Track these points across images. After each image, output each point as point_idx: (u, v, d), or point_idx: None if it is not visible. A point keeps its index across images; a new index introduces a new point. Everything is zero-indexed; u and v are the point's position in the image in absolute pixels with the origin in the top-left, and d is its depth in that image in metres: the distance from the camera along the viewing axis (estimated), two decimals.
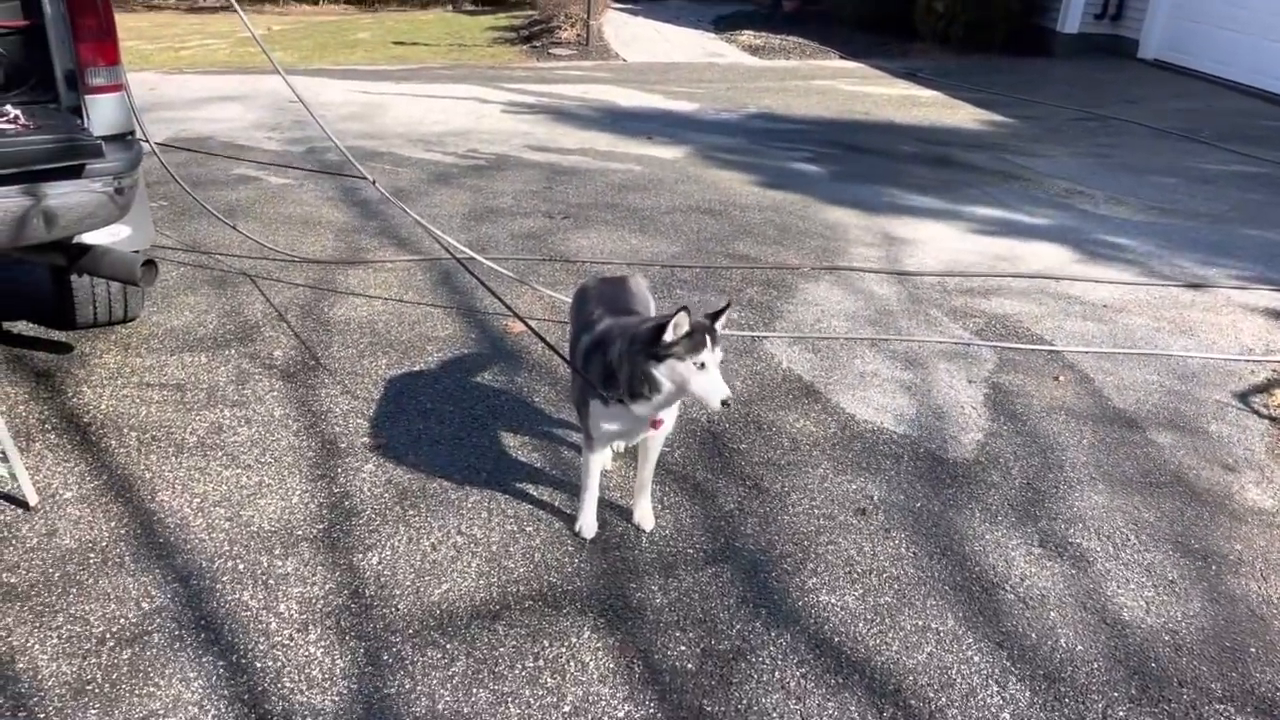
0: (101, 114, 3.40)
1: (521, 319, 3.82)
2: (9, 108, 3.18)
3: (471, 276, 4.30)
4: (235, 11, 4.51)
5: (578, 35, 14.24)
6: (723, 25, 16.30)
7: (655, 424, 2.85)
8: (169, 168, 4.96)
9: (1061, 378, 4.43)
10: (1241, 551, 3.25)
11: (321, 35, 16.26)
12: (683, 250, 5.85)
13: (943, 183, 7.64)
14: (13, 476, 3.07)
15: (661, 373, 2.62)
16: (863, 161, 8.26)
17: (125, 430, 3.60)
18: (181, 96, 9.86)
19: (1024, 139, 9.33)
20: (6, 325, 4.38)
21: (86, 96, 3.37)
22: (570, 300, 3.45)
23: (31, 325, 4.40)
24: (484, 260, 5.14)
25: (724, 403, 2.57)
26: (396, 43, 14.99)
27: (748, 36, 15.04)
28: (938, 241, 6.24)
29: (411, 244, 5.74)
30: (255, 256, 5.38)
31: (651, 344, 2.62)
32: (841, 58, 13.82)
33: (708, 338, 2.60)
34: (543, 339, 3.57)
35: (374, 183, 4.53)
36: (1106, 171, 8.22)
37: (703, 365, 2.58)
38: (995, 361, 4.56)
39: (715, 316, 2.70)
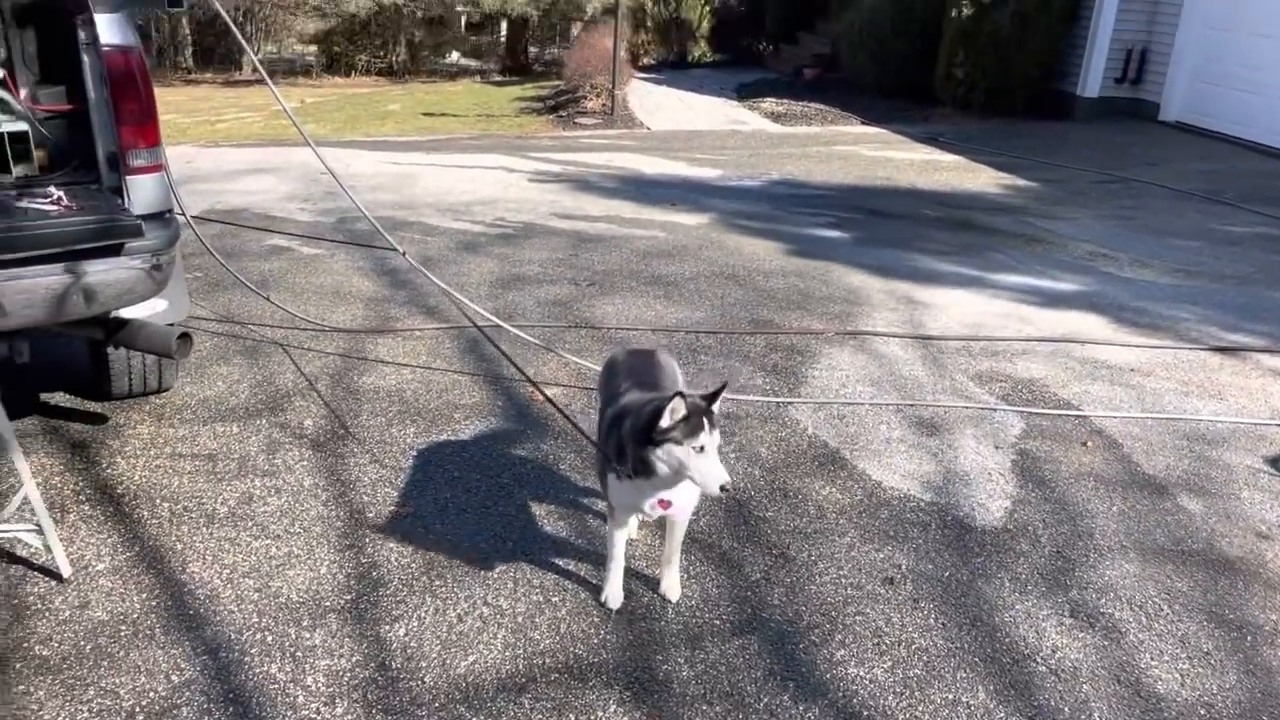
0: (142, 193, 3.51)
1: (540, 390, 3.87)
2: (53, 189, 3.30)
3: (501, 345, 4.36)
4: (269, 85, 4.67)
5: (603, 105, 14.53)
6: (745, 93, 16.57)
7: (663, 504, 2.82)
8: (204, 240, 5.09)
9: (1089, 443, 4.40)
10: (1277, 622, 3.19)
11: (353, 108, 16.68)
12: (706, 316, 5.90)
13: (966, 247, 7.67)
14: (47, 548, 3.12)
15: (659, 456, 2.61)
16: (885, 226, 8.32)
17: (158, 501, 3.65)
18: (217, 169, 10.12)
19: (1046, 202, 9.37)
20: (44, 397, 4.47)
21: (127, 177, 3.49)
22: (599, 369, 3.49)
23: (68, 396, 4.49)
24: (509, 328, 5.20)
25: (722, 488, 2.55)
26: (426, 114, 15.35)
27: (770, 104, 15.27)
28: (961, 306, 6.25)
29: (440, 312, 5.83)
30: (287, 326, 5.47)
31: (649, 428, 2.61)
32: (863, 123, 14.00)
33: (705, 420, 2.58)
34: (561, 411, 3.60)
35: (404, 254, 4.64)
36: (1130, 234, 8.23)
37: (701, 449, 2.57)
38: (1022, 427, 4.54)
39: (712, 398, 2.68)
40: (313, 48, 30.41)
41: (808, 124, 14.11)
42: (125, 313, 3.67)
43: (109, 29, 3.39)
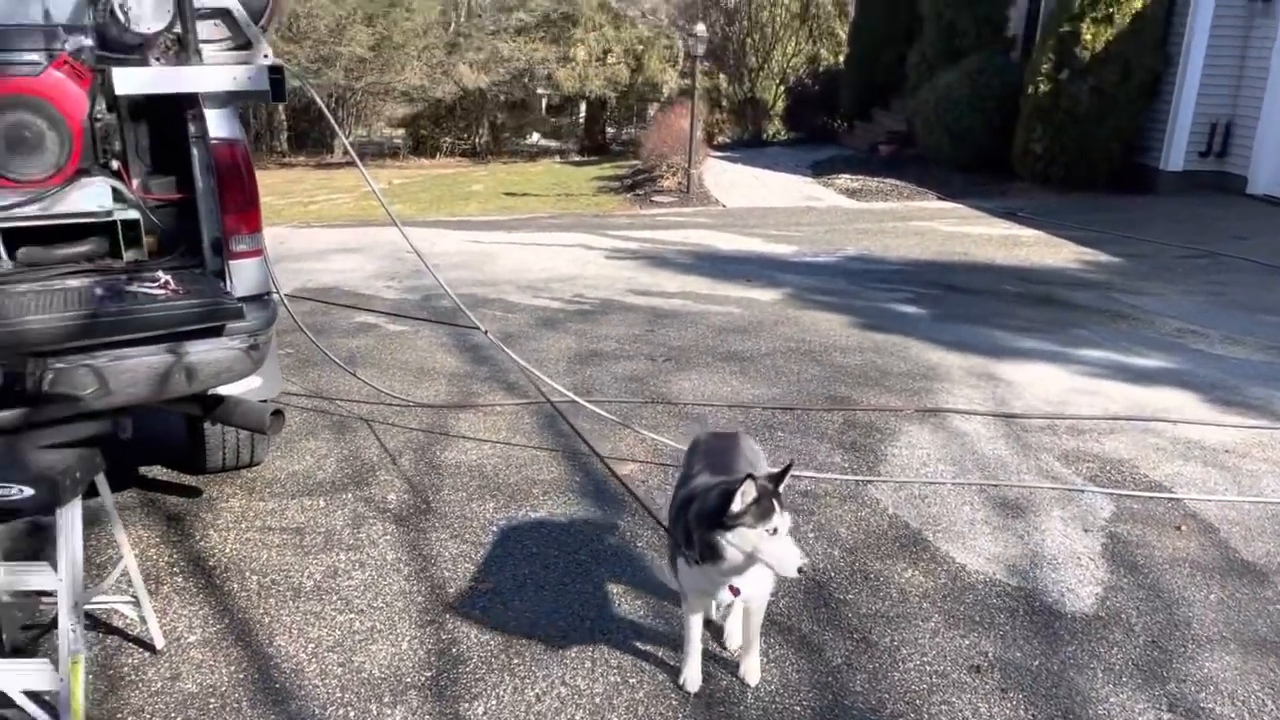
0: (243, 276, 3.69)
1: (613, 470, 3.89)
2: (160, 273, 3.49)
3: (578, 421, 4.41)
4: (358, 167, 4.89)
5: (679, 183, 14.78)
6: (820, 170, 16.71)
7: (733, 590, 2.77)
8: (296, 318, 5.29)
9: (1184, 527, 4.25)
10: None
11: (438, 188, 17.26)
12: (783, 393, 5.89)
13: (1048, 323, 7.55)
14: (143, 620, 3.23)
15: (730, 541, 2.56)
16: (964, 302, 8.24)
17: (247, 573, 3.75)
18: (309, 248, 10.53)
19: (1131, 277, 9.19)
20: (143, 470, 4.66)
21: (230, 261, 3.67)
22: (675, 445, 3.51)
23: (165, 470, 4.67)
24: (586, 403, 5.26)
25: (800, 570, 2.51)
26: (507, 194, 15.80)
27: (844, 180, 15.37)
28: (1044, 383, 6.14)
29: (519, 388, 5.93)
30: (372, 401, 5.62)
31: (719, 512, 2.57)
32: (939, 199, 13.97)
33: (775, 502, 2.54)
34: (632, 492, 3.62)
35: (485, 332, 4.76)
36: (1220, 310, 8.01)
37: (774, 531, 2.53)
38: (1111, 509, 4.41)
39: (778, 479, 2.63)
40: (400, 131, 31.65)
41: (883, 199, 14.14)
42: (222, 390, 3.82)
43: (217, 123, 3.60)
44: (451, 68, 26.79)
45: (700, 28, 14.26)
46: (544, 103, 35.48)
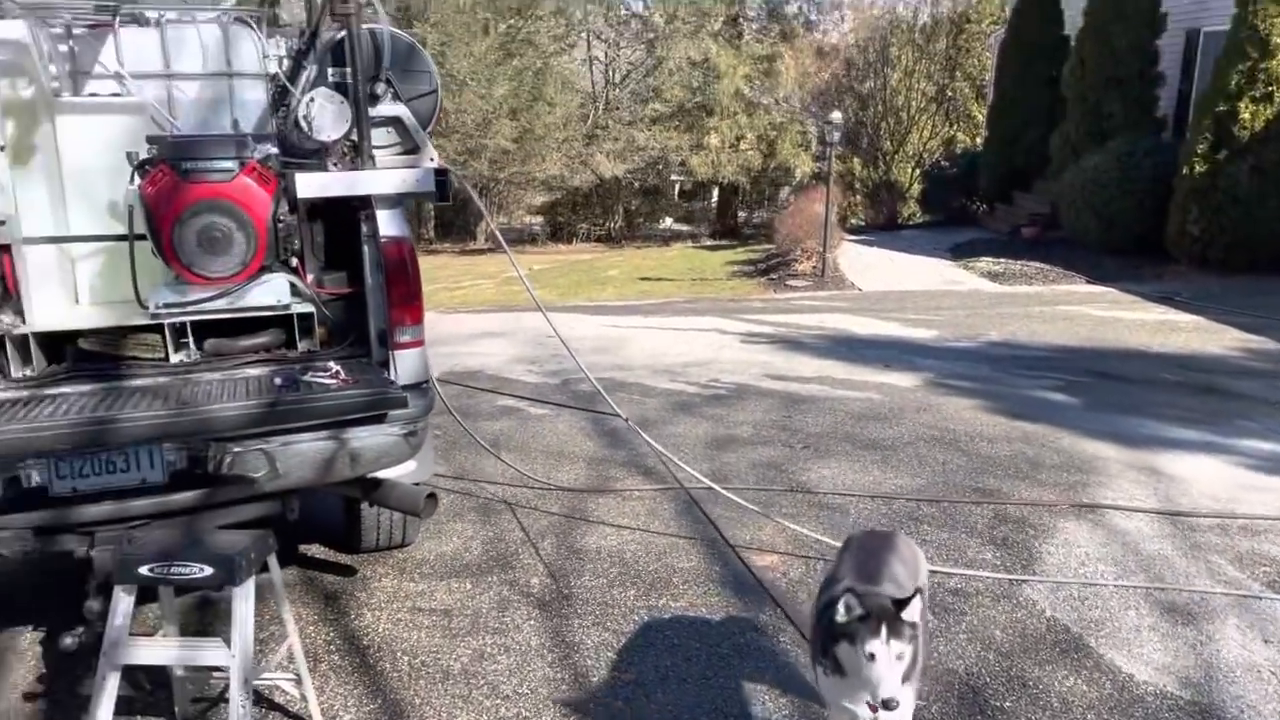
0: (405, 366, 3.87)
1: (749, 565, 3.85)
2: (332, 363, 3.70)
3: (716, 508, 4.40)
4: (500, 252, 5.10)
5: (814, 267, 14.79)
6: (959, 253, 16.43)
7: (871, 708, 2.54)
8: (446, 403, 5.49)
9: None
10: None
11: (576, 274, 17.74)
12: (926, 483, 5.73)
13: (1212, 414, 7.14)
14: (303, 697, 3.35)
15: (840, 654, 2.46)
16: (1117, 390, 7.89)
17: (398, 654, 3.85)
18: (455, 333, 10.95)
19: None
20: (302, 547, 4.87)
21: (394, 352, 3.86)
22: (815, 535, 3.46)
23: (323, 548, 4.87)
24: (722, 490, 5.24)
25: (884, 703, 2.34)
26: (643, 279, 16.11)
27: (986, 263, 15.05)
28: (1211, 478, 5.78)
29: (657, 473, 5.96)
30: (515, 484, 5.75)
31: (829, 624, 2.47)
32: (1088, 282, 13.51)
33: (882, 626, 2.39)
34: (767, 589, 3.57)
35: (626, 420, 4.83)
36: None
37: (871, 657, 2.39)
38: None
39: (902, 605, 2.48)
40: (539, 218, 32.85)
41: (1028, 283, 13.77)
42: (380, 473, 3.99)
43: (387, 222, 3.84)
44: (589, 157, 27.75)
45: (836, 115, 14.39)
46: (677, 188, 36.27)
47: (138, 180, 3.67)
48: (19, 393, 3.47)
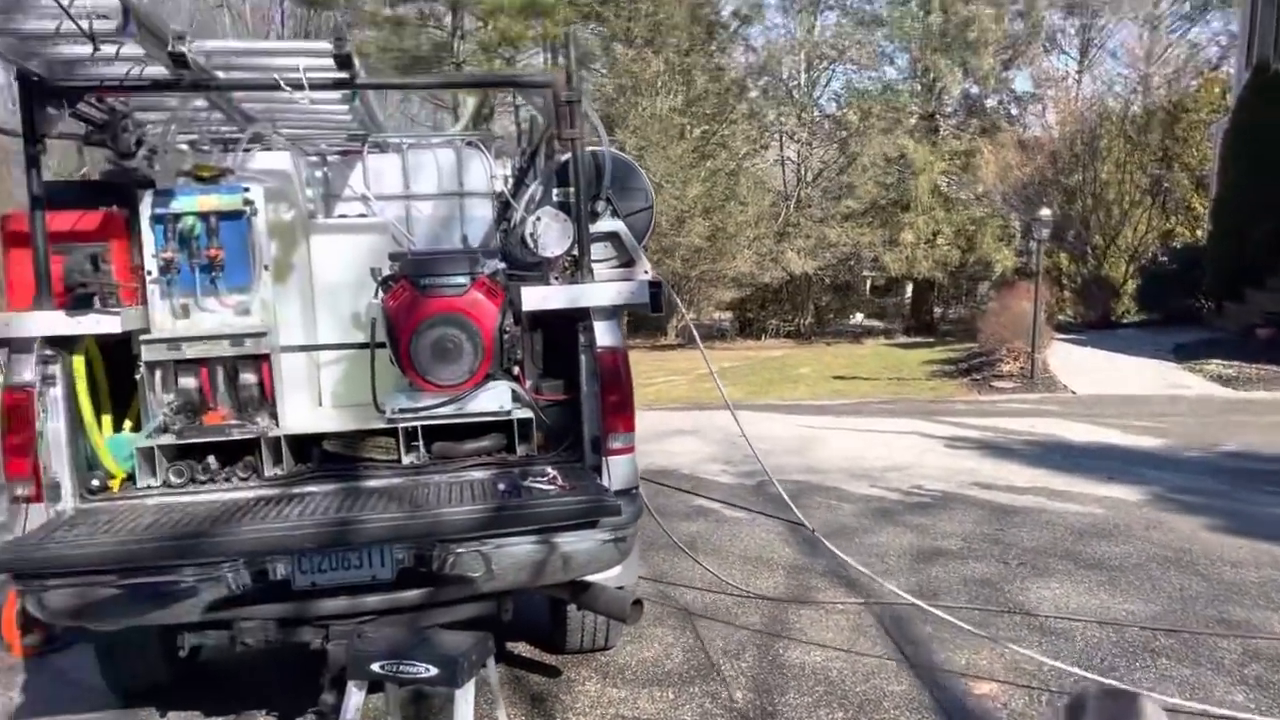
0: (617, 472, 3.96)
1: (960, 691, 3.62)
2: (549, 469, 3.83)
3: (925, 626, 4.20)
4: (691, 348, 5.17)
5: (1021, 368, 14.17)
6: (1184, 354, 15.33)
7: None
8: (647, 505, 5.53)
9: None
10: None
11: (766, 371, 17.72)
12: (1161, 611, 5.27)
13: None
14: None
15: None
16: None
17: None
18: (648, 430, 11.03)
19: None
20: (509, 645, 4.98)
21: (607, 458, 3.96)
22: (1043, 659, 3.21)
23: (528, 647, 4.96)
24: (929, 608, 4.99)
25: None
26: (836, 377, 15.90)
27: (1215, 365, 13.97)
28: None
29: (861, 586, 5.76)
30: (713, 590, 5.70)
31: None
32: None
33: None
34: None
35: (813, 530, 4.71)
36: None
37: None
38: None
39: None
40: (728, 314, 33.16)
41: (1266, 388, 12.66)
42: (588, 576, 4.05)
43: (603, 332, 3.97)
44: (780, 254, 27.94)
45: (1045, 212, 13.91)
46: (869, 284, 35.88)
47: (380, 294, 3.97)
48: (271, 490, 3.77)
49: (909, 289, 32.32)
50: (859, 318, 33.30)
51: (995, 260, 27.63)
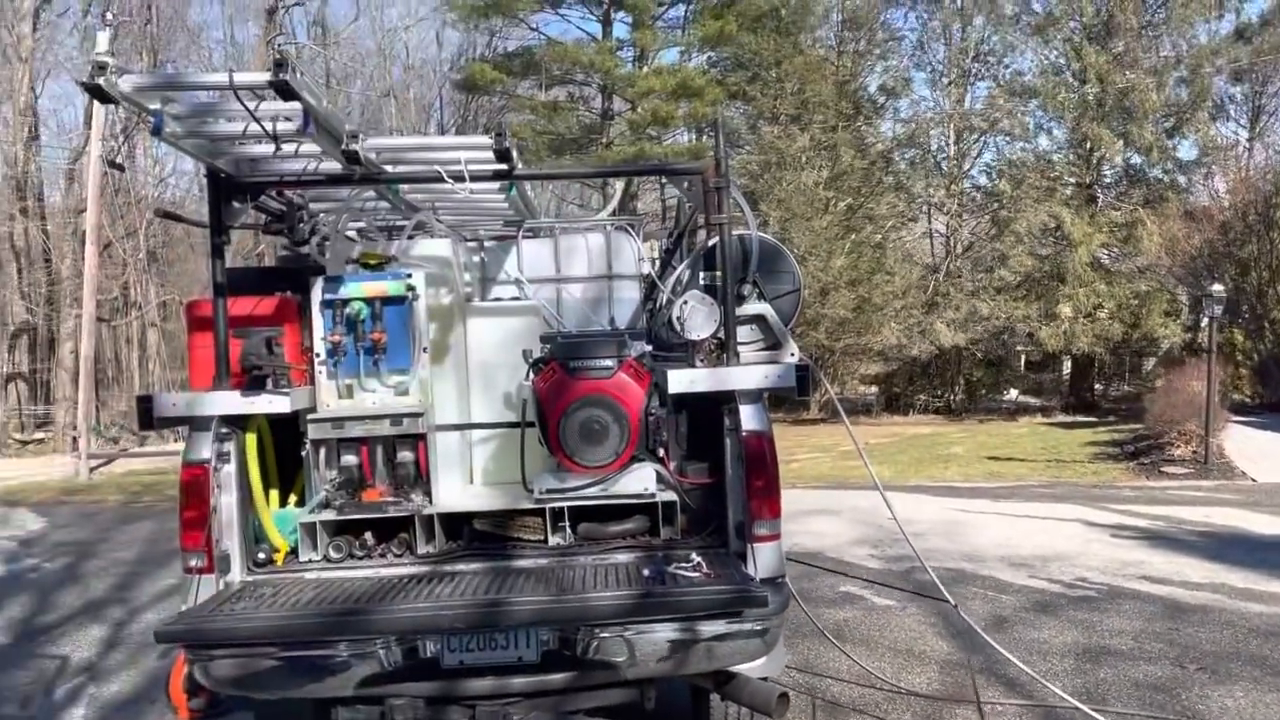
0: (763, 560, 3.87)
1: None
2: (694, 555, 3.78)
3: None
4: (835, 422, 5.04)
5: (1194, 452, 13.30)
6: None
7: None
8: (794, 594, 5.39)
9: None
10: None
11: (915, 449, 17.19)
12: None
13: None
14: None
15: None
16: None
17: None
18: (790, 509, 10.76)
19: None
20: None
21: (752, 544, 3.88)
22: None
23: None
24: (1099, 716, 4.64)
25: None
26: (990, 458, 15.28)
27: None
28: None
29: (1020, 686, 5.43)
30: (861, 683, 5.48)
31: None
32: None
33: None
34: None
35: (955, 606, 4.47)
36: None
37: None
38: None
39: None
40: (873, 388, 32.48)
41: None
42: (732, 667, 3.95)
43: (749, 416, 3.93)
44: (928, 327, 27.28)
45: (1217, 288, 13.15)
46: (1023, 359, 34.53)
47: (531, 375, 4.06)
48: (423, 568, 3.86)
49: (1067, 364, 30.94)
50: (1013, 394, 32.05)
51: (1161, 336, 26.21)
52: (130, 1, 31.16)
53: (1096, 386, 29.64)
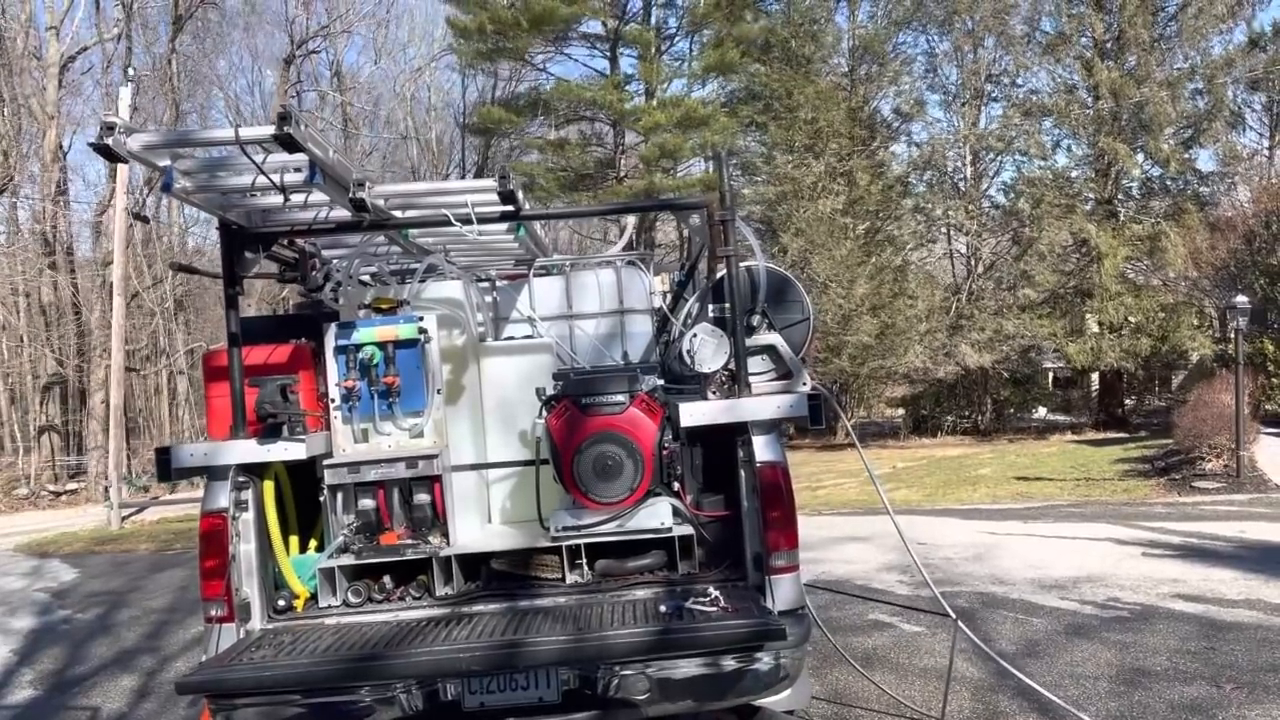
0: (781, 592, 3.85)
1: None
2: (712, 589, 3.77)
3: None
4: (863, 459, 5.01)
5: (1225, 466, 13.10)
6: None
7: None
8: (814, 614, 5.34)
9: None
10: None
11: (943, 472, 17.03)
12: None
13: None
14: None
15: None
16: None
17: None
18: (818, 536, 10.80)
19: None
20: None
21: (770, 576, 3.86)
22: None
23: None
24: None
25: None
26: (1018, 478, 15.12)
27: None
28: None
29: (1053, 711, 5.34)
30: (892, 713, 5.41)
31: None
32: None
33: None
34: None
35: (954, 618, 4.40)
36: None
37: None
38: None
39: None
40: (900, 410, 32.26)
41: None
42: (757, 699, 3.91)
43: (763, 447, 3.92)
44: (954, 348, 27.11)
45: (1241, 299, 12.99)
46: (1050, 376, 34.20)
47: (544, 413, 4.08)
48: (442, 610, 3.87)
49: (1094, 380, 30.63)
50: (1041, 412, 31.72)
51: (1190, 349, 25.90)
52: (154, 52, 31.92)
53: (1126, 402, 29.28)
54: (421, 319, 4.08)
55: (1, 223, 31.97)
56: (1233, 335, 13.72)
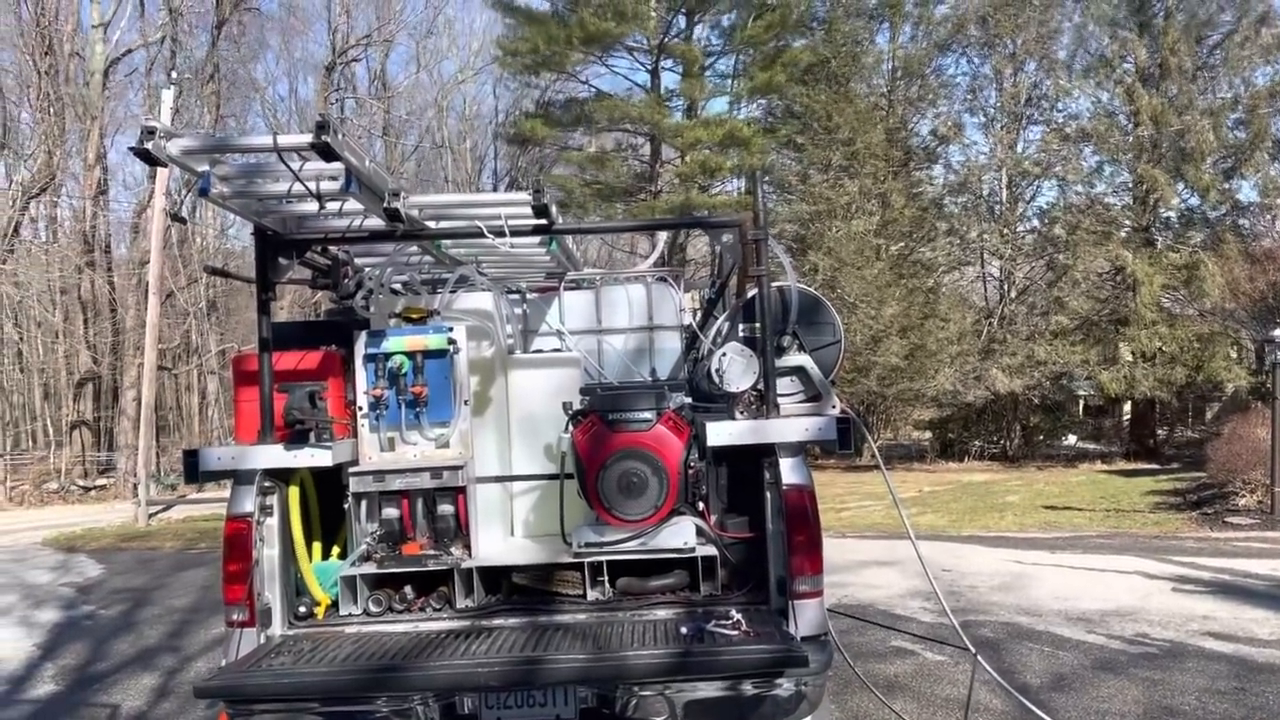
0: (805, 618, 3.79)
1: None
2: (733, 611, 3.72)
3: None
4: (888, 469, 4.95)
5: (1259, 501, 12.85)
6: None
7: None
8: (835, 639, 5.27)
9: None
10: None
11: (970, 498, 16.84)
12: None
13: None
14: None
15: None
16: None
17: None
18: (841, 560, 10.69)
19: None
20: None
21: (794, 601, 3.81)
22: None
23: None
24: None
25: None
26: (1047, 507, 14.92)
27: None
28: None
29: None
30: None
31: None
32: None
33: None
34: None
35: (975, 653, 4.33)
36: None
37: None
38: None
39: None
40: (927, 434, 31.93)
41: None
42: None
43: (790, 470, 3.88)
44: (984, 372, 26.82)
45: (1278, 332, 12.77)
46: (1081, 404, 33.75)
47: (570, 428, 4.06)
48: (462, 623, 3.85)
49: (1127, 409, 30.19)
50: (1071, 440, 31.28)
51: (1226, 379, 25.49)
52: (194, 58, 32.40)
53: (1158, 432, 28.85)
54: (451, 329, 4.09)
55: (42, 221, 32.50)
56: (1270, 369, 13.46)
